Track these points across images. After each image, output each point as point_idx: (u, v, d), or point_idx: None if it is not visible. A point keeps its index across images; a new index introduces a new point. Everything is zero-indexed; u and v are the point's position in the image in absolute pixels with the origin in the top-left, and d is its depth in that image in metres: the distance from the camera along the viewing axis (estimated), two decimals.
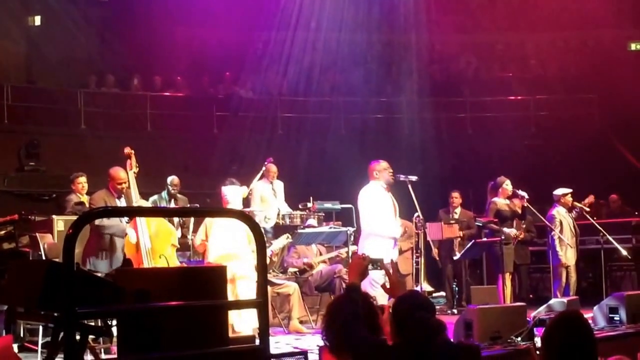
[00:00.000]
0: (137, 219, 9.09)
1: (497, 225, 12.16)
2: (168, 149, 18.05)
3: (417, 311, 4.66)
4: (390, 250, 9.94)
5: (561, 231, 12.30)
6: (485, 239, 12.40)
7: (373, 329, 5.05)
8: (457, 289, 14.21)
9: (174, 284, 4.47)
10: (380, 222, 9.78)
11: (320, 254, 12.52)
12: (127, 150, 9.64)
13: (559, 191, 12.67)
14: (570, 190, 12.65)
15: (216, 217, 9.52)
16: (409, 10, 21.12)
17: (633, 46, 22.18)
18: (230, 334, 8.24)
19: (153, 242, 9.20)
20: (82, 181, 11.31)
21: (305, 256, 12.25)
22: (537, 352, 4.96)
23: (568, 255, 12.34)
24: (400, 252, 11.56)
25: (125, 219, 9.24)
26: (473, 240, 12.37)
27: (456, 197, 14.52)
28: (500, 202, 12.34)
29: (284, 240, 11.57)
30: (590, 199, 12.96)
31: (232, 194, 9.85)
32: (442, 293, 14.11)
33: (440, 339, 4.70)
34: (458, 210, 14.50)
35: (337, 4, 20.84)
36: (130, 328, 4.29)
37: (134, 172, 9.50)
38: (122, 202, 9.42)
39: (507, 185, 12.38)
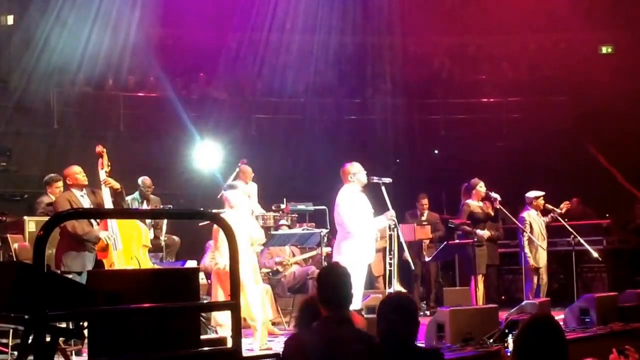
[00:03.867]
0: (108, 220, 9.04)
1: (470, 227, 12.20)
2: (141, 150, 17.97)
3: (392, 313, 4.73)
4: (369, 251, 9.94)
5: (531, 233, 12.36)
6: (457, 241, 12.44)
7: None
8: (422, 289, 14.28)
9: (146, 286, 4.45)
10: (360, 223, 9.78)
11: (294, 255, 12.53)
12: (98, 148, 9.56)
13: (531, 194, 12.74)
14: (542, 194, 12.72)
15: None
16: (383, 12, 21.19)
17: (604, 49, 22.35)
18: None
19: (124, 244, 9.16)
20: (60, 185, 11.14)
21: (278, 256, 12.26)
22: (508, 354, 5.00)
23: (537, 257, 12.40)
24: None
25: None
26: (445, 242, 12.41)
27: (425, 204, 14.52)
28: (474, 204, 12.37)
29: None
30: (567, 204, 13.02)
31: (235, 197, 9.71)
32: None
33: (404, 344, 4.76)
34: (426, 213, 14.53)
35: (311, 6, 20.86)
36: (102, 330, 4.27)
37: (106, 172, 9.42)
38: (85, 199, 9.33)
39: (481, 187, 12.41)
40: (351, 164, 10.02)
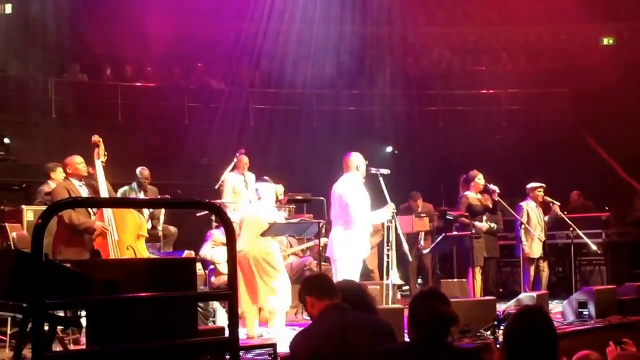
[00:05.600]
0: (104, 209, 9.01)
1: (468, 219, 12.15)
2: (139, 140, 17.95)
3: (429, 300, 4.61)
4: (365, 245, 9.90)
5: (528, 223, 12.32)
6: (455, 233, 12.39)
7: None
8: (421, 282, 14.25)
9: (143, 275, 4.45)
10: (365, 214, 9.73)
11: (291, 246, 12.49)
12: (94, 138, 9.49)
13: (531, 185, 12.72)
14: (541, 185, 12.68)
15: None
16: (383, 3, 21.15)
17: (605, 41, 22.32)
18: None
19: (120, 233, 9.12)
20: (62, 172, 11.06)
21: None
22: (498, 346, 4.95)
23: (533, 247, 12.36)
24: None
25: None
26: (443, 234, 12.36)
27: (420, 205, 14.46)
28: (472, 196, 12.32)
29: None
30: (565, 215, 12.98)
31: (265, 190, 9.95)
32: (408, 287, 14.16)
33: (447, 337, 4.65)
34: (419, 208, 14.47)
35: None
36: (99, 319, 4.26)
37: (102, 161, 9.37)
38: (84, 189, 9.31)
39: (480, 179, 12.35)
40: (354, 154, 9.93)
